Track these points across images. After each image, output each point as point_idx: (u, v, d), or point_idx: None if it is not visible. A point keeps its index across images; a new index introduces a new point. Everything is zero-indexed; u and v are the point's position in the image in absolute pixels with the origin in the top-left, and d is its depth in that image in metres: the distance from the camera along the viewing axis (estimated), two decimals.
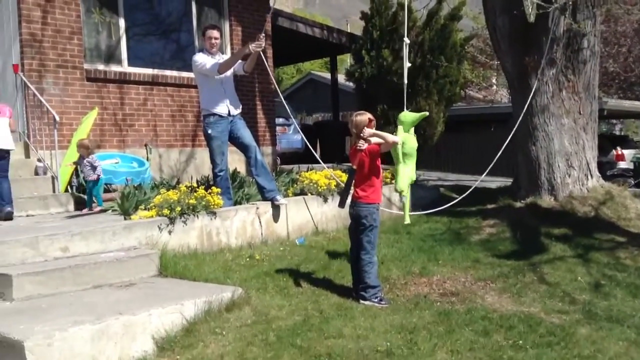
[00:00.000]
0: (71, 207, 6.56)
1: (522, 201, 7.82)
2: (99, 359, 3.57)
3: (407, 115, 5.42)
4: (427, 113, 5.55)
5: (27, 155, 7.41)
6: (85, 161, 6.14)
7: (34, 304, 4.06)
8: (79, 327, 3.53)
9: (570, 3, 7.57)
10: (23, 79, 7.45)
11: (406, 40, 6.04)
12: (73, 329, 3.50)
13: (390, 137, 4.78)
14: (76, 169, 6.93)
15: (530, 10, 6.79)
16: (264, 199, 6.45)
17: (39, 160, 7.30)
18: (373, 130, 4.73)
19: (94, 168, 6.12)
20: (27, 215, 6.15)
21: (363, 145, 4.66)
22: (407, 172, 5.29)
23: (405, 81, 6.07)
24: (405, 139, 5.24)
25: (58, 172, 7.09)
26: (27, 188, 6.53)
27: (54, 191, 6.98)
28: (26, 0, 7.55)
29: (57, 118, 7.23)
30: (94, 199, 6.21)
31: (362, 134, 4.66)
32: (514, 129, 7.38)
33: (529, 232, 6.77)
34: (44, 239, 4.68)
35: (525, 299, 4.81)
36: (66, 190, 6.86)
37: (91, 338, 3.55)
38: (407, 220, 5.62)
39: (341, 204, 4.99)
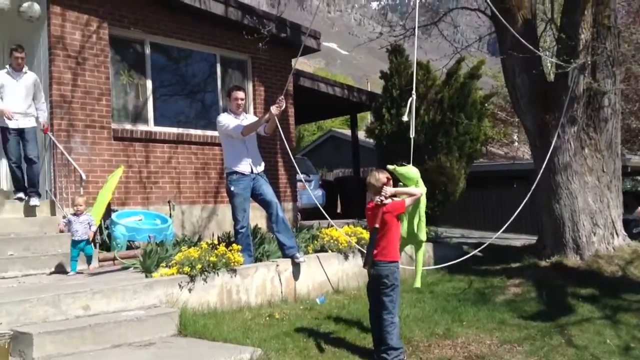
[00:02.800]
0: (95, 264, 6.59)
1: (547, 260, 7.68)
2: None
3: (414, 171, 5.24)
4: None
5: (53, 213, 7.54)
6: (80, 219, 6.20)
7: None
8: None
9: (590, 62, 7.65)
10: (52, 138, 7.67)
11: (413, 95, 6.04)
12: None
13: (413, 190, 4.80)
14: (100, 227, 7.01)
15: (549, 69, 6.86)
16: (284, 256, 6.43)
17: (64, 217, 7.41)
18: (394, 189, 4.74)
19: (89, 226, 6.21)
20: (51, 273, 6.20)
21: (384, 200, 4.63)
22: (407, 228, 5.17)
23: (413, 135, 5.97)
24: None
25: None
26: (52, 245, 6.60)
27: None
28: (57, 63, 7.86)
29: (84, 176, 7.38)
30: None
31: (383, 193, 4.66)
32: (534, 186, 7.34)
33: (555, 292, 6.61)
34: (66, 297, 4.70)
35: None
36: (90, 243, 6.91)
37: None
38: (418, 284, 5.40)
39: (366, 264, 4.84)
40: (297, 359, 4.53)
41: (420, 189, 4.92)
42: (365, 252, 5.10)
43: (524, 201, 6.96)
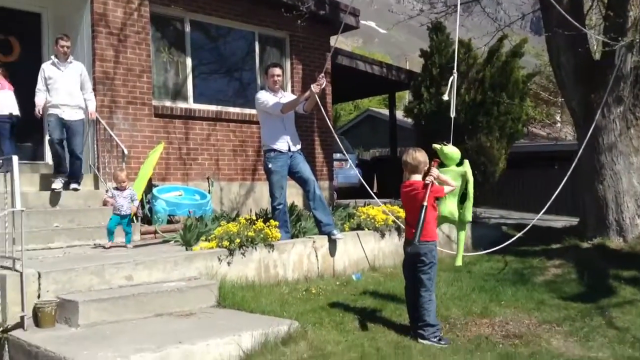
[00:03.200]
0: (137, 236, 6.75)
1: (589, 242, 7.53)
2: None
3: (457, 151, 5.31)
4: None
5: (97, 187, 7.73)
6: (124, 193, 6.18)
7: (98, 330, 4.17)
8: (140, 355, 3.60)
9: (638, 40, 7.38)
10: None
11: (455, 73, 5.96)
12: (134, 356, 3.57)
13: (451, 181, 4.91)
14: (142, 200, 7.16)
15: (595, 48, 6.66)
16: (321, 232, 6.47)
17: (107, 191, 7.59)
18: (441, 175, 4.76)
19: (132, 200, 6.20)
20: (94, 244, 6.38)
21: (430, 179, 4.62)
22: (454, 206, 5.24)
23: (453, 115, 5.93)
24: (468, 174, 5.20)
25: None
26: (95, 218, 6.79)
27: None
28: (100, 40, 8.00)
29: (126, 152, 7.53)
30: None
31: (433, 174, 4.65)
32: (572, 166, 7.17)
33: (597, 274, 6.48)
34: (110, 267, 4.83)
35: (593, 344, 4.58)
36: (132, 221, 7.07)
37: None
38: (459, 263, 5.43)
39: (417, 241, 4.75)
40: (333, 332, 4.57)
41: (456, 182, 5.00)
42: (403, 228, 5.12)
43: (563, 182, 6.80)
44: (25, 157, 7.90)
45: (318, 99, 6.41)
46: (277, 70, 6.48)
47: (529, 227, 7.18)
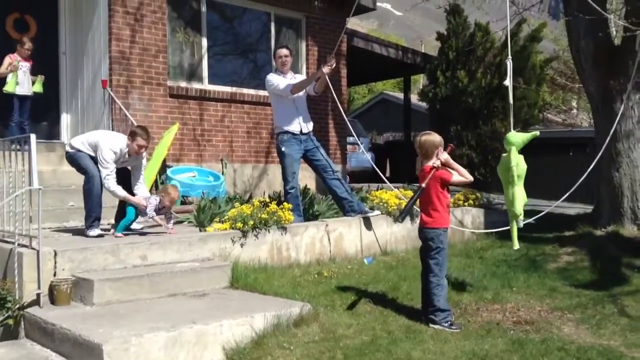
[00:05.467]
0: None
1: (603, 229, 7.47)
2: None
3: (516, 136, 5.24)
4: (537, 133, 5.31)
5: None
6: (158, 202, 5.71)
7: (113, 309, 4.24)
8: (154, 334, 3.65)
9: None
10: (110, 94, 7.87)
11: (509, 60, 5.87)
12: (149, 335, 3.63)
13: (465, 172, 4.72)
14: (156, 181, 7.21)
15: (616, 32, 6.54)
16: (345, 212, 6.51)
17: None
18: (447, 156, 4.67)
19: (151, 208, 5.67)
20: (109, 224, 6.44)
21: (436, 162, 4.59)
22: (521, 194, 5.15)
23: (511, 102, 5.85)
24: (518, 161, 5.12)
25: None
26: (110, 198, 6.82)
27: None
28: (116, 20, 8.00)
29: None
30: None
31: (439, 156, 4.61)
32: (599, 154, 7.08)
33: (610, 261, 6.44)
34: (124, 247, 4.89)
35: (605, 332, 4.57)
36: None
37: (165, 345, 3.66)
38: (516, 246, 5.34)
39: (400, 218, 4.93)
40: (345, 315, 4.60)
41: (470, 177, 4.80)
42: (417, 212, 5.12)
43: (589, 170, 6.72)
44: (41, 136, 7.96)
45: (329, 81, 6.40)
46: (284, 51, 6.49)
47: (543, 213, 7.13)
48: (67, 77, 8.65)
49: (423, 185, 4.57)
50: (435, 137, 4.70)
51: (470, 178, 4.78)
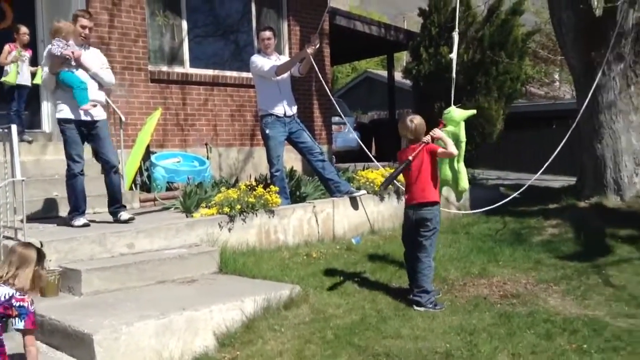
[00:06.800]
0: (136, 204, 6.78)
1: (586, 201, 7.57)
2: (163, 353, 3.69)
3: (458, 112, 5.22)
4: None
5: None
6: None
7: (102, 298, 4.23)
8: (144, 322, 3.66)
9: None
10: None
11: (455, 33, 5.92)
12: (139, 323, 3.64)
13: (452, 147, 4.71)
14: (140, 167, 7.16)
15: (596, 3, 6.55)
16: (334, 194, 6.52)
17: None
18: (443, 134, 4.70)
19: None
20: (94, 212, 6.40)
21: (427, 138, 4.62)
22: (463, 168, 5.18)
23: (454, 75, 5.90)
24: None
25: (124, 171, 7.34)
26: (94, 186, 6.77)
27: None
28: (94, 4, 7.85)
29: (123, 118, 7.45)
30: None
31: (432, 134, 4.64)
32: (573, 125, 7.15)
33: (594, 233, 6.54)
34: (111, 236, 4.87)
35: (590, 302, 4.65)
36: (131, 188, 7.09)
37: (155, 333, 3.67)
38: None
39: (383, 187, 4.99)
40: (334, 295, 4.64)
41: (456, 150, 4.80)
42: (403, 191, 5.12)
43: (563, 141, 6.80)
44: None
45: (313, 61, 6.37)
46: (268, 34, 6.45)
47: (525, 187, 7.21)
48: None
49: (410, 158, 4.57)
50: (422, 120, 4.71)
51: (456, 151, 4.79)
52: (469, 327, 4.04)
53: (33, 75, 7.68)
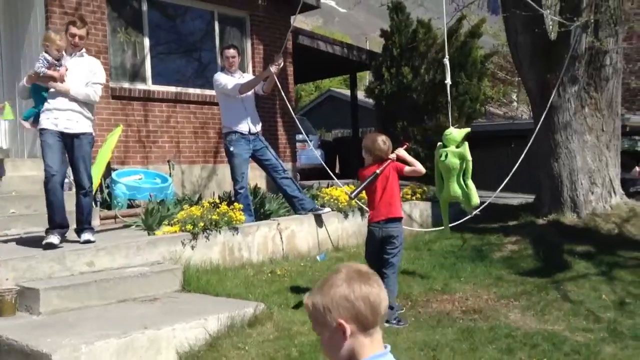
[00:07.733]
0: (96, 222, 6.63)
1: (544, 218, 7.76)
2: None
3: (457, 132, 5.42)
4: (469, 129, 5.56)
5: None
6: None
7: (61, 317, 4.13)
8: (105, 341, 3.58)
9: (592, 21, 7.56)
10: None
11: (446, 60, 6.11)
12: (99, 342, 3.56)
13: (419, 166, 4.84)
14: (101, 185, 7.03)
15: (551, 28, 6.79)
16: (298, 212, 6.53)
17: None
18: (406, 154, 4.80)
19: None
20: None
21: (393, 155, 4.70)
22: (472, 185, 5.35)
23: (449, 99, 6.11)
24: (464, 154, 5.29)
25: None
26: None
27: None
28: (54, 21, 7.74)
29: None
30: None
31: (397, 153, 4.73)
32: (529, 144, 7.37)
33: (552, 249, 6.70)
34: (70, 254, 4.77)
35: (549, 317, 4.76)
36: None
37: (117, 352, 3.60)
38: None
39: (353, 195, 5.00)
40: (299, 313, 4.63)
41: (454, 160, 5.07)
42: (366, 209, 5.17)
43: (520, 160, 6.98)
44: None
45: (277, 80, 6.41)
46: (232, 52, 6.47)
47: (485, 204, 7.34)
48: (5, 81, 8.32)
49: (377, 171, 4.63)
50: (387, 139, 4.80)
51: (423, 170, 4.89)
52: (432, 343, 4.08)
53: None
